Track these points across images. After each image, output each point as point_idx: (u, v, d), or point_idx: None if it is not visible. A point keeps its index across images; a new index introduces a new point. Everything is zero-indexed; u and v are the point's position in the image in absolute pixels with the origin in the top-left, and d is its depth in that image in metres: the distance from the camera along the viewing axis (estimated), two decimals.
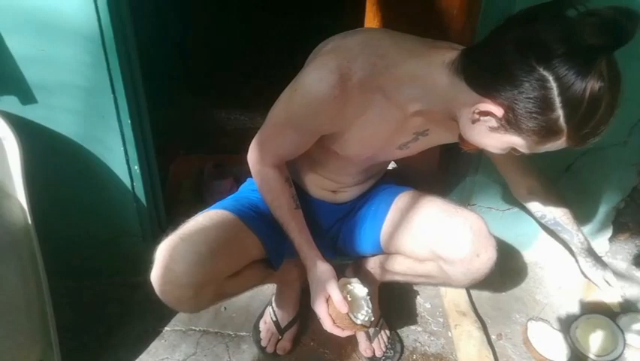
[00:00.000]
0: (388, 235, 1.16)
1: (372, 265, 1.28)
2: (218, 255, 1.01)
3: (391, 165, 1.58)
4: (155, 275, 0.99)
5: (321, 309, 0.99)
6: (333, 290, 0.98)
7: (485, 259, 1.02)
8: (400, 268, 1.21)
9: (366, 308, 1.01)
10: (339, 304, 0.96)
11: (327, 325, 0.99)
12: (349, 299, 0.99)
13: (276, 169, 1.10)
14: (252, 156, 1.10)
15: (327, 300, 0.99)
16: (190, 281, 0.98)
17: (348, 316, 0.97)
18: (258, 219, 1.13)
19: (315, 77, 0.92)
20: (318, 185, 1.21)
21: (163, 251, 0.99)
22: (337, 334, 0.99)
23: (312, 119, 0.98)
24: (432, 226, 1.07)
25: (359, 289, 1.03)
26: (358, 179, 1.20)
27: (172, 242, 0.99)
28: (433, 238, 1.05)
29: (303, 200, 1.17)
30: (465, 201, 1.56)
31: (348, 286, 1.03)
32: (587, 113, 0.74)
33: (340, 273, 1.07)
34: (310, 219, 1.14)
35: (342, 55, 0.92)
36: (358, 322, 0.98)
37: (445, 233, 1.04)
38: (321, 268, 1.03)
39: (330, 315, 0.99)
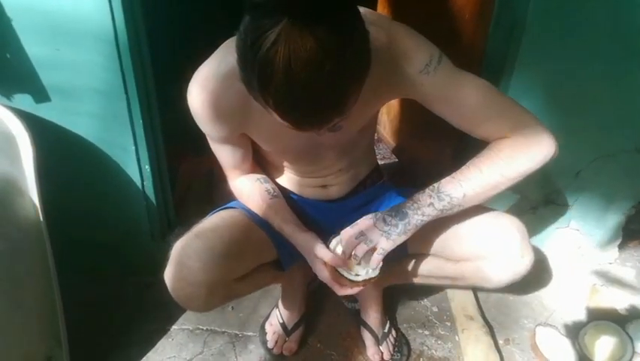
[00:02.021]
0: (417, 238, 1.13)
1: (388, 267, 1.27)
2: (233, 254, 1.01)
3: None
4: (169, 272, 1.00)
5: (321, 274, 1.01)
6: (321, 251, 1.00)
7: (528, 261, 1.04)
8: (424, 269, 1.19)
9: (363, 264, 1.02)
10: (332, 261, 0.99)
11: (325, 278, 1.01)
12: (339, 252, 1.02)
13: (245, 177, 1.15)
14: (227, 179, 1.16)
15: (325, 264, 1.01)
16: (203, 279, 0.98)
17: (340, 273, 1.00)
18: None
19: (188, 92, 0.97)
20: (304, 185, 1.20)
21: (178, 249, 1.00)
22: (343, 292, 1.02)
23: (210, 128, 1.01)
24: (477, 227, 1.06)
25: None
26: (339, 168, 1.17)
27: (187, 240, 1.00)
28: (479, 238, 1.05)
29: (303, 204, 1.19)
30: None
31: (340, 245, 1.04)
32: (261, 71, 0.67)
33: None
34: (317, 222, 1.14)
35: (205, 63, 0.95)
36: (354, 278, 1.01)
37: (495, 234, 1.04)
38: (304, 238, 1.04)
39: (330, 275, 1.01)
